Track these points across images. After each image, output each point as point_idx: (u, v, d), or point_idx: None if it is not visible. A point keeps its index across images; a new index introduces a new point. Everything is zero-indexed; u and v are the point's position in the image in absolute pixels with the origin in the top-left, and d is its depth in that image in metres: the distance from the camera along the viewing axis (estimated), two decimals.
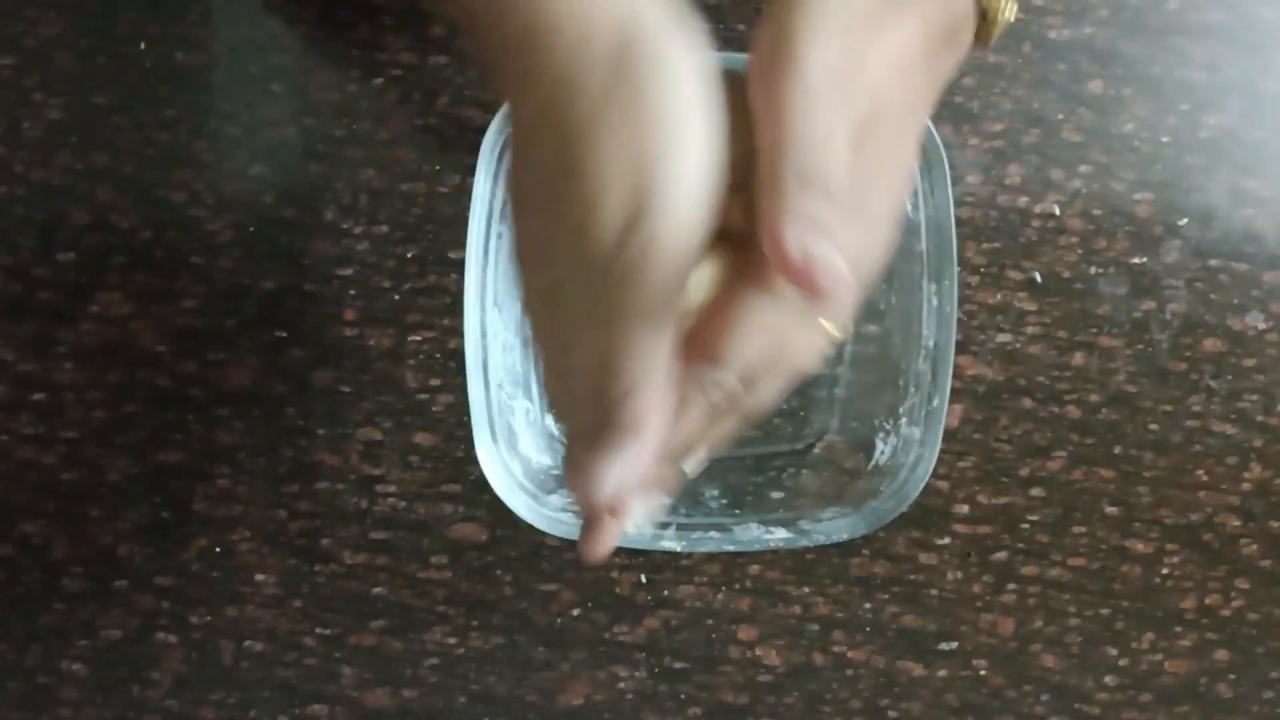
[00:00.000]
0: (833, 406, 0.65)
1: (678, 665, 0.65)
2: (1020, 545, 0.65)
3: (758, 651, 0.65)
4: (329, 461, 0.64)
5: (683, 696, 0.66)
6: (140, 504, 0.64)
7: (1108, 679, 0.66)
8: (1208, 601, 0.66)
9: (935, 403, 0.60)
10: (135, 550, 0.64)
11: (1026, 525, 0.65)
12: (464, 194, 0.58)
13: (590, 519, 0.38)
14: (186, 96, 0.63)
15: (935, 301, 0.60)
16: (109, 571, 0.64)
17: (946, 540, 0.65)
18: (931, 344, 0.60)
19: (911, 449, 0.60)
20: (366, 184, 0.63)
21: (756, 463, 0.65)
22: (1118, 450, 0.65)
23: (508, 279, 0.62)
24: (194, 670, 0.65)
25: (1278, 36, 0.65)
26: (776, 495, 0.63)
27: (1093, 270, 0.65)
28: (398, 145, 0.64)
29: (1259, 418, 0.65)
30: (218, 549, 0.64)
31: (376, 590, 0.65)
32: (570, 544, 0.64)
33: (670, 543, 0.61)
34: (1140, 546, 0.66)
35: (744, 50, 0.63)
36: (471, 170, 0.57)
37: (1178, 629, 0.66)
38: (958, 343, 0.60)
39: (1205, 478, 0.65)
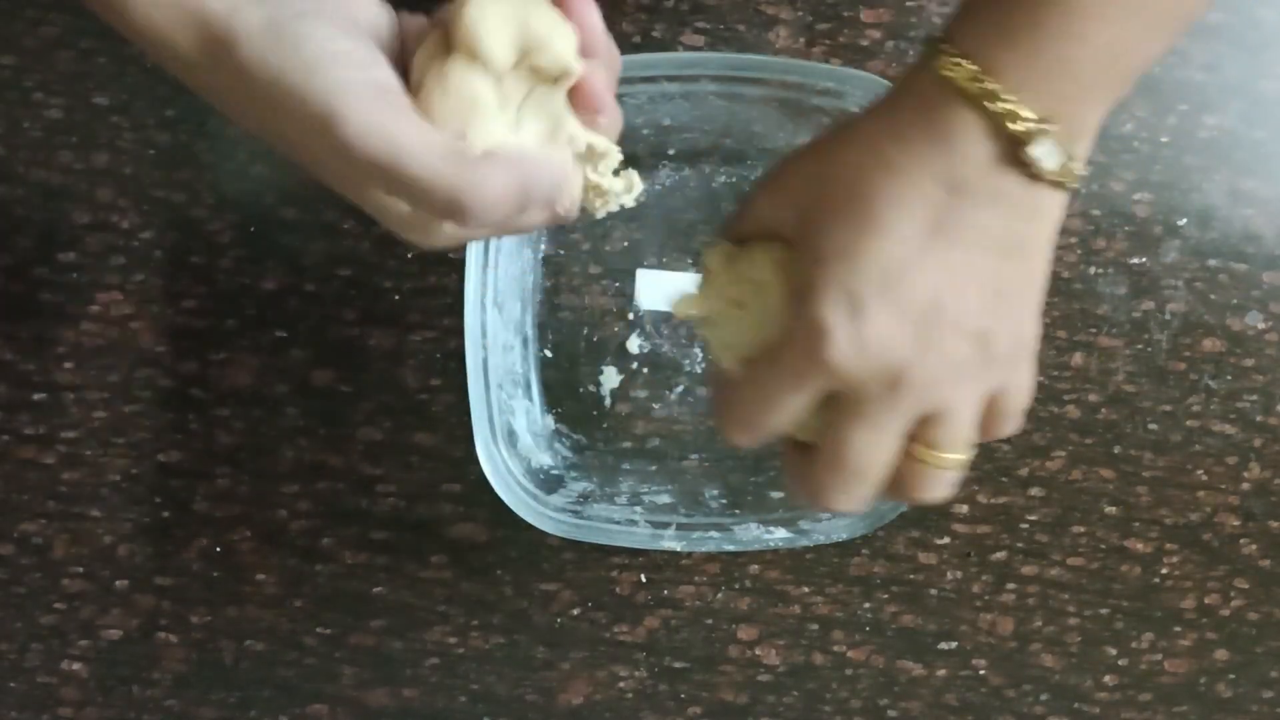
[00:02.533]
0: None
1: (678, 665, 0.66)
2: (1020, 545, 0.66)
3: (757, 651, 0.66)
4: (329, 461, 0.64)
5: (683, 696, 0.66)
6: (141, 504, 0.64)
7: (1107, 678, 0.66)
8: (1207, 601, 0.66)
9: None
10: (136, 550, 0.64)
11: (1026, 525, 0.65)
12: None
13: None
14: (187, 97, 0.63)
15: None
16: (109, 571, 0.64)
17: (946, 540, 0.65)
18: None
19: None
20: None
21: (756, 463, 0.65)
22: (1117, 450, 0.65)
23: (508, 279, 0.62)
24: (194, 670, 0.65)
25: (1277, 37, 0.65)
26: (776, 495, 0.63)
27: (1092, 270, 0.65)
28: None
29: (1258, 418, 0.65)
30: (218, 549, 0.64)
31: (376, 590, 0.65)
32: (570, 544, 0.64)
33: (670, 542, 0.61)
34: (1140, 546, 0.66)
35: (743, 50, 0.63)
36: None
37: (1177, 629, 0.66)
38: None
39: (1204, 477, 0.66)
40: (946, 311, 0.42)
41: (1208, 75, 0.64)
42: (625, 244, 0.64)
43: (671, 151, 0.64)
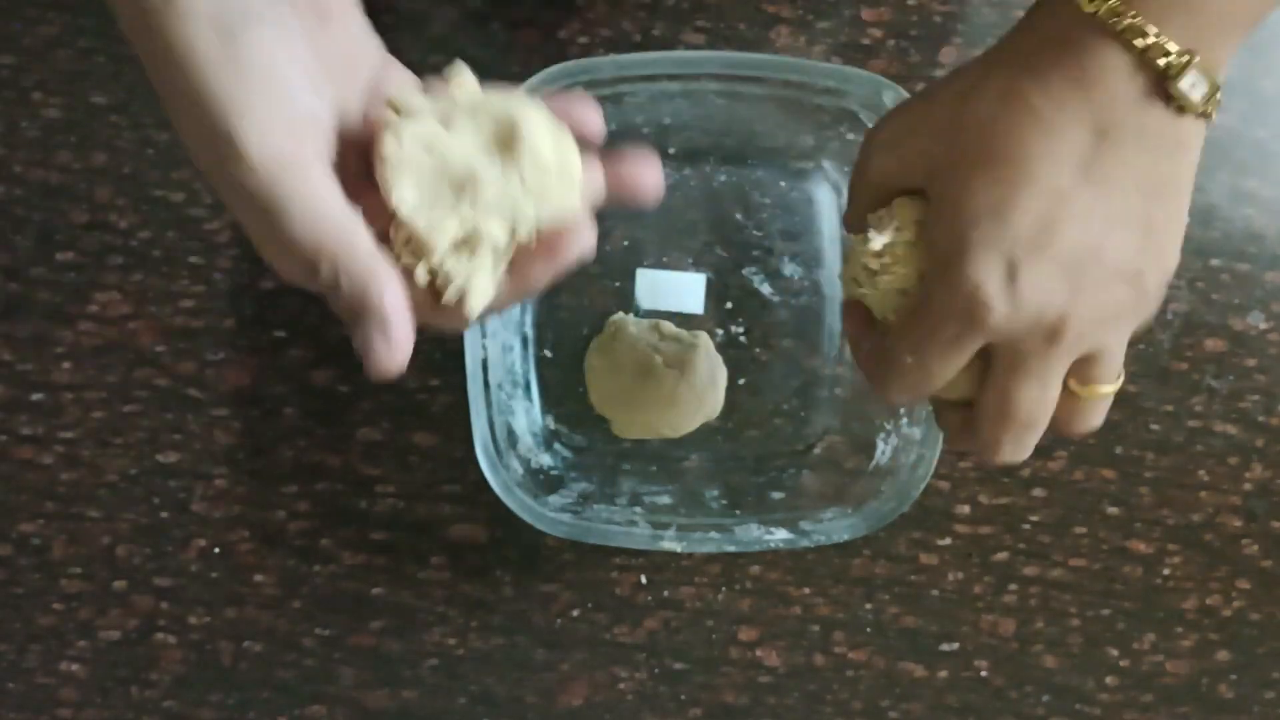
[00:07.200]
0: (833, 406, 0.65)
1: (678, 666, 0.65)
2: (1021, 546, 0.65)
3: (758, 652, 0.65)
4: (328, 461, 0.64)
5: (683, 697, 0.65)
6: (139, 504, 0.64)
7: (1109, 679, 0.66)
8: (1209, 602, 0.66)
9: None
10: (134, 551, 0.64)
11: (1028, 525, 0.65)
12: None
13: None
14: None
15: None
16: (108, 572, 0.64)
17: (947, 541, 0.65)
18: None
19: (912, 449, 0.60)
20: None
21: (757, 463, 0.65)
22: (1119, 450, 0.65)
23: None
24: (193, 671, 0.65)
25: (1278, 37, 0.65)
26: (777, 495, 0.63)
27: None
28: None
29: (1260, 418, 0.65)
30: (216, 549, 0.64)
31: (376, 591, 0.65)
32: (570, 544, 0.64)
33: (670, 543, 0.61)
34: (1141, 547, 0.66)
35: (744, 49, 0.63)
36: None
37: (1179, 629, 0.66)
38: None
39: (1206, 478, 0.65)
40: (1101, 257, 0.42)
41: None
42: (625, 243, 0.64)
43: (672, 150, 0.64)
